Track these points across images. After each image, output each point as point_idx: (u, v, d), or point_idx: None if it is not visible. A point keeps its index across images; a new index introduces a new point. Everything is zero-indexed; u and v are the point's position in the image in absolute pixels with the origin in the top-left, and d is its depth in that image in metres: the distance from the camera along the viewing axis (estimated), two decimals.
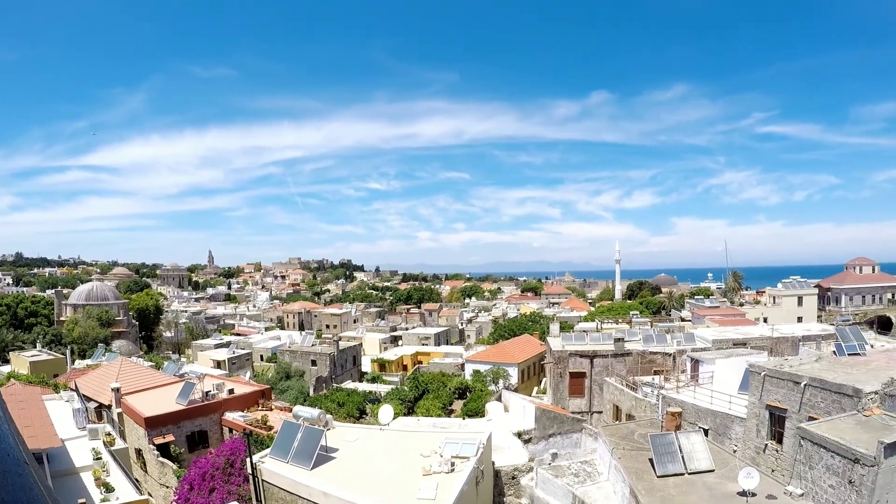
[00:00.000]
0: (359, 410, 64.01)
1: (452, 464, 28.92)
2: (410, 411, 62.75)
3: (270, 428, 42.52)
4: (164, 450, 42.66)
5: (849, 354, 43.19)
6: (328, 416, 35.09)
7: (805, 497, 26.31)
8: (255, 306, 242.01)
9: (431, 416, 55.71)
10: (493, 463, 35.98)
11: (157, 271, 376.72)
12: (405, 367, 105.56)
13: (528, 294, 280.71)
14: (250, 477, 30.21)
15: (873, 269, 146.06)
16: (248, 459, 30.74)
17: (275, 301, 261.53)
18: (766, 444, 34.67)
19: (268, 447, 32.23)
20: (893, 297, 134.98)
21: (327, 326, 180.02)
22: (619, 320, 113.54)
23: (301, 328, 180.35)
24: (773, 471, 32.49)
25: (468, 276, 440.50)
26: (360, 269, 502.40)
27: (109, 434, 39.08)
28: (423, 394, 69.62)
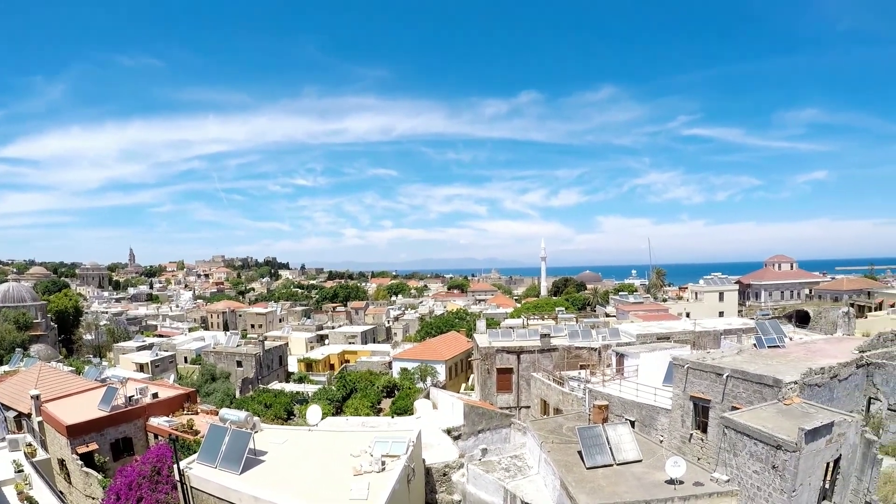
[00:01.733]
0: (287, 412, 63.34)
1: (383, 463, 28.77)
2: (339, 411, 62.39)
3: (197, 432, 41.47)
4: (87, 459, 40.81)
5: (769, 347, 44.69)
6: (256, 418, 34.41)
7: (731, 483, 27.21)
8: (178, 306, 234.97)
9: (360, 416, 55.48)
10: (424, 460, 35.95)
11: (76, 271, 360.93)
12: (332, 367, 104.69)
13: (455, 291, 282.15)
14: (178, 484, 29.35)
15: (791, 266, 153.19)
16: (175, 466, 29.86)
17: (198, 301, 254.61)
18: (692, 434, 35.78)
19: (195, 452, 31.32)
20: (811, 293, 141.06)
21: (252, 326, 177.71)
22: (546, 316, 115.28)
23: (226, 328, 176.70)
24: (699, 459, 33.57)
25: (395, 273, 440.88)
26: (286, 266, 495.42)
27: (30, 445, 37.62)
28: (351, 393, 69.36)
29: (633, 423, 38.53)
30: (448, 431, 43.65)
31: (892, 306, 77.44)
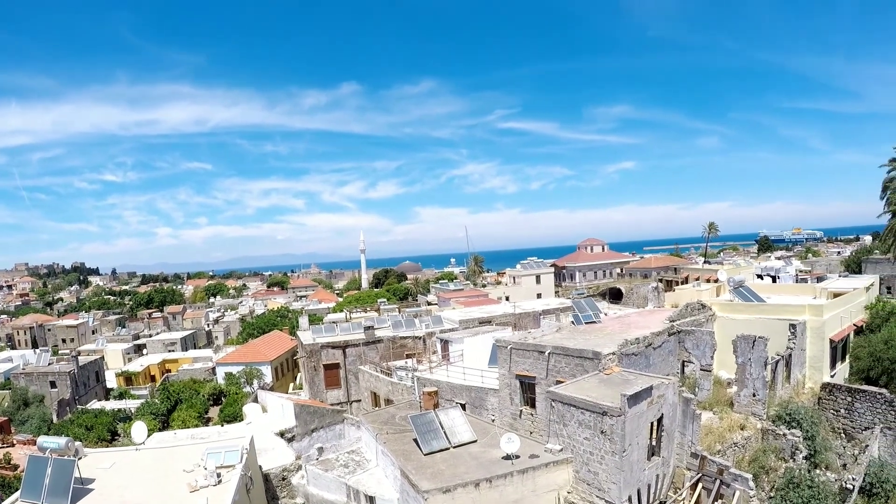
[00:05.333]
0: (110, 432, 60.37)
1: (219, 475, 27.88)
2: (166, 425, 59.91)
3: (16, 467, 38.35)
4: None
5: (586, 323, 47.36)
6: (77, 443, 32.00)
7: (564, 451, 28.90)
8: None
9: (189, 428, 53.49)
10: (261, 467, 35.25)
11: None
12: (153, 378, 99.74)
13: (275, 289, 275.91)
14: None
15: (603, 248, 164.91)
16: None
17: (1, 316, 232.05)
18: (521, 410, 37.35)
19: (17, 489, 28.72)
20: (622, 271, 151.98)
21: (64, 341, 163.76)
22: (368, 309, 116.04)
23: (34, 345, 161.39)
24: (531, 433, 35.19)
25: (212, 273, 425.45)
26: (96, 272, 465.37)
27: None
28: (177, 404, 66.86)
29: (463, 406, 39.64)
30: (281, 434, 42.97)
31: (697, 280, 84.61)
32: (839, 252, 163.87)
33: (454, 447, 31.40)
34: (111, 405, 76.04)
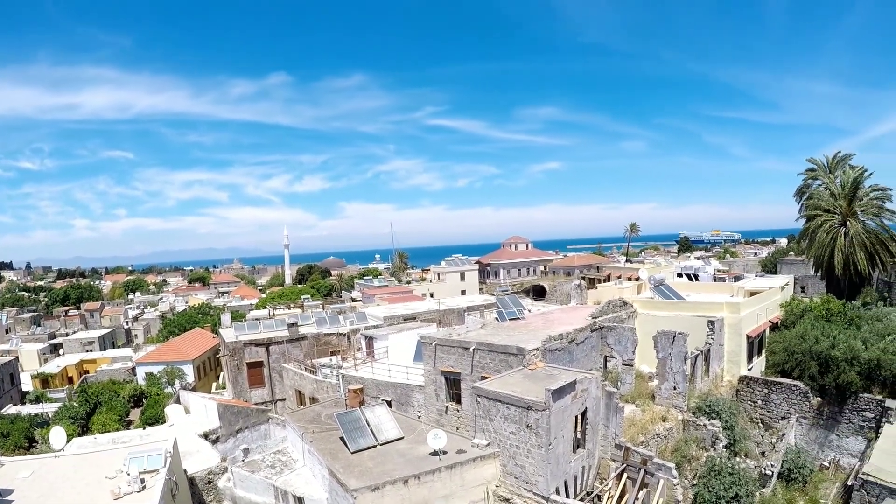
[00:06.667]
0: (27, 439, 57.81)
1: (142, 480, 27.29)
2: (85, 429, 57.86)
3: None
4: None
5: (510, 319, 48.24)
6: None
7: (491, 446, 29.40)
8: None
9: (110, 432, 51.66)
10: (186, 470, 34.58)
11: None
12: (71, 380, 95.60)
13: (197, 284, 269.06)
14: None
15: (527, 246, 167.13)
16: None
17: None
18: (447, 406, 37.77)
19: None
20: (546, 269, 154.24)
21: None
22: (292, 305, 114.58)
23: None
24: (457, 429, 35.62)
25: (131, 268, 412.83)
26: (9, 266, 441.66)
27: None
28: (96, 407, 64.39)
29: (389, 403, 39.87)
30: (205, 436, 42.24)
31: (619, 278, 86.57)
32: (756, 253, 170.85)
33: (381, 444, 31.54)
34: (28, 409, 72.58)
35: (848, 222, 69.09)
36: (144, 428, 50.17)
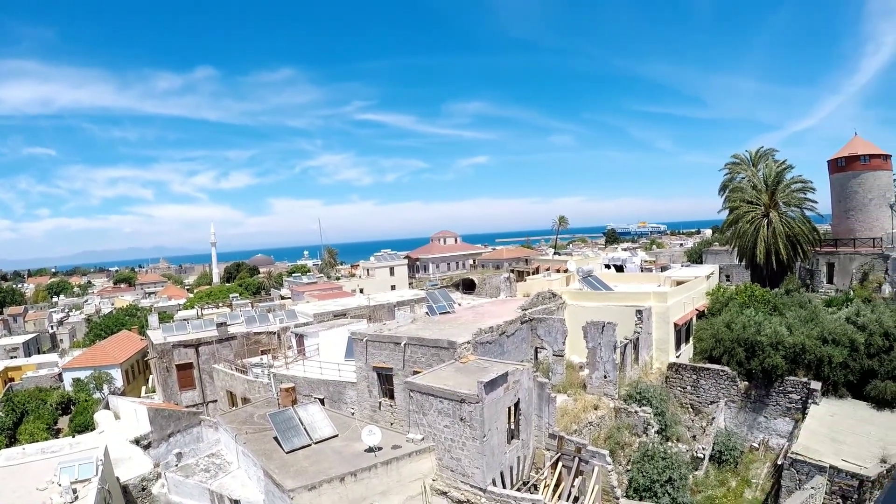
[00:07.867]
0: None
1: (74, 491, 26.81)
2: (13, 440, 55.84)
3: None
4: None
5: (440, 314, 48.65)
6: None
7: (426, 440, 29.68)
8: None
9: (38, 441, 50.17)
10: (118, 478, 34.01)
11: None
12: None
13: (122, 286, 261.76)
14: None
15: (456, 240, 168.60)
16: None
17: None
18: (381, 402, 37.95)
19: None
20: (475, 263, 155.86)
21: None
22: (220, 304, 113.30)
23: None
24: (392, 424, 35.88)
25: (55, 270, 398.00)
26: None
27: None
28: (23, 416, 62.17)
29: (322, 401, 39.74)
30: (137, 441, 41.55)
31: (548, 270, 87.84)
32: (681, 244, 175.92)
33: (316, 443, 31.46)
34: None
35: (770, 213, 71.82)
36: (74, 436, 48.81)
